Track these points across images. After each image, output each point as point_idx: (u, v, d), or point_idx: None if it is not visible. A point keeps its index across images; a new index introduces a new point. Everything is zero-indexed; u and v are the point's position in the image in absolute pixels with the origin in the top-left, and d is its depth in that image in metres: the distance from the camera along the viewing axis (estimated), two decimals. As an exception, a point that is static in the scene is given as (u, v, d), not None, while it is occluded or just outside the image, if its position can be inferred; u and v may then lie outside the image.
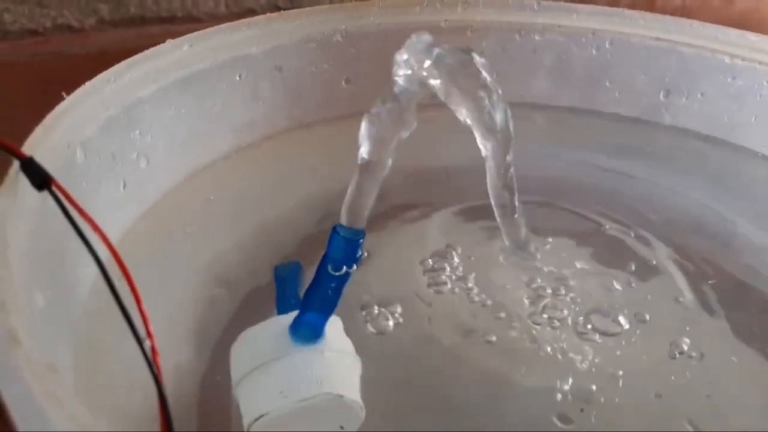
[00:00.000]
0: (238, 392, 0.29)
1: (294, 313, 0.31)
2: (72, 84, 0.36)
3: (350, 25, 0.47)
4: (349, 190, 0.29)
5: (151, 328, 0.23)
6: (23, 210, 0.27)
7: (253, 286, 0.38)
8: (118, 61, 0.39)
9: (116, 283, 0.36)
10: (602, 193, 0.46)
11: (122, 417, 0.29)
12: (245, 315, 0.36)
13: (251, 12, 0.58)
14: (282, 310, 0.34)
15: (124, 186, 0.37)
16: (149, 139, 0.39)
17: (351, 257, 0.29)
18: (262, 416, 0.28)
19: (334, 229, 0.29)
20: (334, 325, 0.31)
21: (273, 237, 0.41)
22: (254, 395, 0.29)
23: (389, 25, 0.47)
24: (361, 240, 0.29)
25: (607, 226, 0.43)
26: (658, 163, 0.48)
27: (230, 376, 0.30)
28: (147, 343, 0.23)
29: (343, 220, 0.29)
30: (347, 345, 0.31)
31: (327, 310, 0.30)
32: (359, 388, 0.30)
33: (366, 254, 0.40)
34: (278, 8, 0.57)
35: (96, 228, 0.24)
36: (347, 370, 0.30)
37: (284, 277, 0.37)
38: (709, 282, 0.40)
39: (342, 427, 0.29)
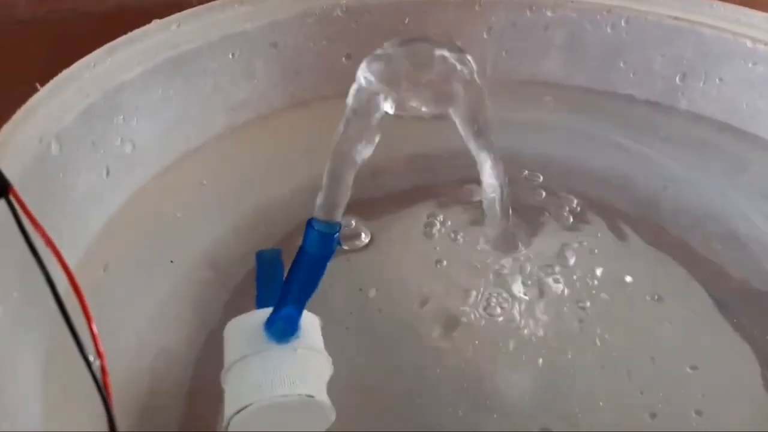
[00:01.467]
0: (223, 383, 0.29)
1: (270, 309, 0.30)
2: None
3: (350, -2, 0.45)
4: (323, 183, 0.28)
5: (102, 348, 0.23)
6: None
7: (247, 271, 0.38)
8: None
9: (99, 273, 0.36)
10: (611, 178, 0.44)
11: (94, 420, 0.29)
12: (238, 300, 0.36)
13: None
14: (262, 298, 0.33)
15: (108, 173, 0.37)
16: (134, 124, 0.38)
17: (327, 251, 0.29)
18: (244, 408, 0.28)
19: (309, 223, 0.29)
20: (310, 322, 0.31)
21: (269, 220, 0.41)
22: (236, 388, 0.29)
23: (392, -1, 0.46)
24: (337, 234, 0.28)
25: (612, 213, 0.42)
26: (670, 150, 0.46)
27: (221, 362, 0.30)
28: (97, 363, 0.23)
29: (318, 214, 0.28)
30: (320, 343, 0.31)
31: (302, 305, 0.30)
32: (325, 388, 0.29)
33: (367, 239, 0.40)
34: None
35: (49, 242, 0.23)
36: (319, 371, 0.30)
37: (267, 263, 0.37)
38: (716, 278, 0.39)
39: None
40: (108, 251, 0.36)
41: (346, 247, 0.39)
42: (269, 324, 0.30)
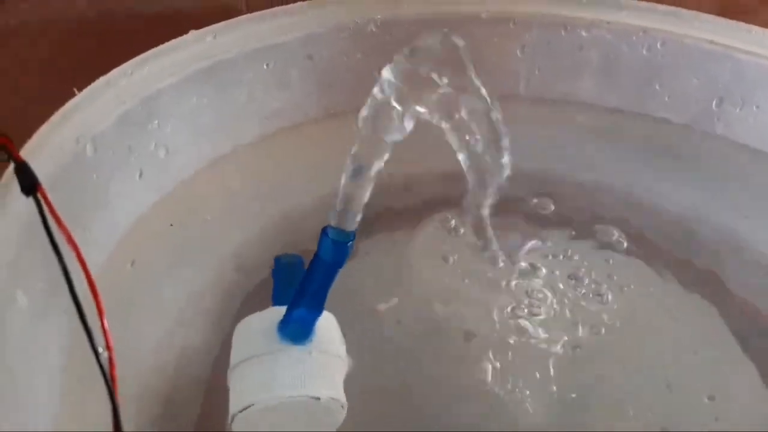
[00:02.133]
0: (229, 381, 0.30)
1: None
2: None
3: (385, 14, 0.45)
4: (340, 192, 0.29)
5: (111, 342, 0.24)
6: (14, 210, 0.28)
7: (270, 274, 0.38)
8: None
9: (126, 268, 0.37)
10: (640, 202, 0.44)
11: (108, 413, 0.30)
12: (261, 303, 0.36)
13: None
14: (278, 302, 0.34)
15: (140, 175, 0.38)
16: (169, 130, 0.39)
17: (340, 258, 0.29)
18: (247, 407, 0.28)
19: (324, 231, 0.29)
20: (326, 323, 0.31)
21: (295, 227, 0.41)
22: (242, 386, 0.30)
23: (427, 14, 0.46)
24: (350, 243, 0.29)
25: (640, 238, 0.41)
26: (703, 177, 0.45)
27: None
28: (105, 355, 0.24)
29: (333, 222, 0.29)
30: (337, 345, 0.31)
31: (316, 309, 0.30)
32: (341, 387, 0.30)
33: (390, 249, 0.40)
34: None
35: (69, 239, 0.25)
36: (332, 371, 0.30)
37: (284, 268, 0.37)
38: (742, 310, 0.38)
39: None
40: (137, 249, 0.38)
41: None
42: (282, 325, 0.30)
